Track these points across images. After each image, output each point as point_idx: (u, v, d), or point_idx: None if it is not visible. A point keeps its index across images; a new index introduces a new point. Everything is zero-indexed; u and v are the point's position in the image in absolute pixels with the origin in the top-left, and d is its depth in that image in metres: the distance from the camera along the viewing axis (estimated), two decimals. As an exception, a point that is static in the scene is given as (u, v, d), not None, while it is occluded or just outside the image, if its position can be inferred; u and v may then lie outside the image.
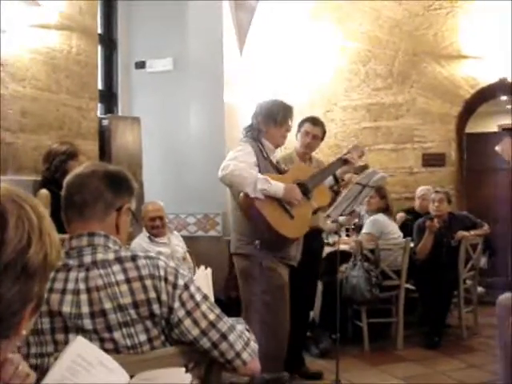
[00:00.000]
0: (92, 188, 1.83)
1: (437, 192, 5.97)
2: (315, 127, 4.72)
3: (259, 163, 3.91)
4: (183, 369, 1.60)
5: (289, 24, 7.41)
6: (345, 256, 5.42)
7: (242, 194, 3.83)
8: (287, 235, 3.86)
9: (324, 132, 4.79)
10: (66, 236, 1.81)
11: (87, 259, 1.75)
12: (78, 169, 1.93)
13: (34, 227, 0.96)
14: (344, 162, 4.44)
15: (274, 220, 3.79)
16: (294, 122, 4.42)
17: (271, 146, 4.07)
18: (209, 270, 2.22)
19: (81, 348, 1.49)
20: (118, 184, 1.89)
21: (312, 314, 5.41)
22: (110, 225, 1.85)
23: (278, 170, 4.05)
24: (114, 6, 6.68)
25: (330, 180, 4.46)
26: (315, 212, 4.28)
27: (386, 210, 5.91)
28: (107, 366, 1.48)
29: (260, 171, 3.87)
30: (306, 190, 4.01)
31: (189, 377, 1.52)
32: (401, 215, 6.58)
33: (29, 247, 0.94)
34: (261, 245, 3.85)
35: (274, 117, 4.03)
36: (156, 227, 5.09)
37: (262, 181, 3.73)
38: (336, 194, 4.71)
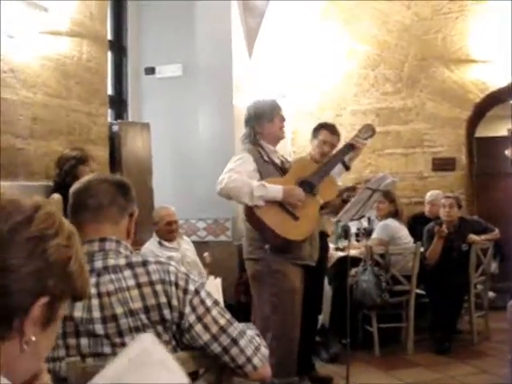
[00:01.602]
0: (106, 192, 1.87)
1: (447, 197, 5.93)
2: (333, 136, 4.67)
3: (259, 168, 3.89)
4: None
5: (298, 27, 7.43)
6: (355, 261, 5.41)
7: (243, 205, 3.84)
8: (292, 238, 3.81)
9: (339, 139, 4.75)
10: None
11: (98, 264, 1.76)
12: (84, 178, 1.96)
13: (64, 228, 1.06)
14: (350, 147, 4.22)
15: (276, 225, 3.76)
16: (306, 126, 4.39)
17: (271, 147, 4.05)
18: (218, 279, 2.22)
19: (147, 344, 1.48)
20: (127, 191, 1.93)
21: (322, 318, 5.41)
22: (122, 229, 1.88)
23: (283, 171, 4.02)
24: (123, 12, 6.71)
25: (339, 168, 4.25)
26: (324, 206, 4.19)
27: (396, 214, 5.90)
28: (168, 366, 1.46)
29: (262, 176, 3.86)
30: (310, 186, 3.94)
31: None
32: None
33: (53, 238, 1.02)
34: (270, 249, 3.84)
35: (265, 114, 4.04)
36: (172, 231, 5.14)
37: (258, 188, 3.71)
38: (345, 202, 4.67)
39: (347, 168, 4.31)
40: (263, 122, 4.03)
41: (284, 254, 3.88)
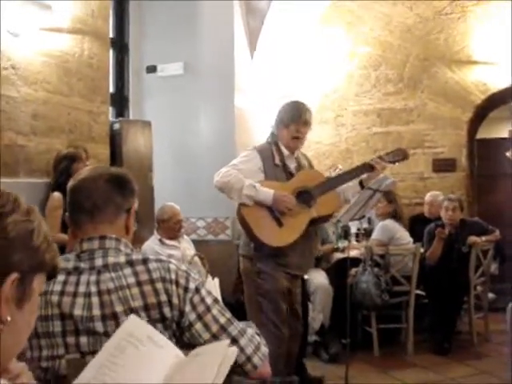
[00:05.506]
0: (101, 192, 1.82)
1: (450, 200, 5.86)
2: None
3: (266, 169, 3.86)
4: (227, 341, 1.57)
5: (300, 28, 7.41)
6: (355, 262, 5.41)
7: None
8: (268, 243, 3.74)
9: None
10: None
11: (98, 262, 1.75)
12: (80, 173, 1.91)
13: (21, 204, 1.06)
14: (369, 167, 4.00)
15: (256, 227, 3.74)
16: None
17: (286, 151, 3.96)
18: (216, 279, 2.20)
19: (131, 326, 1.47)
20: (124, 186, 1.89)
21: (322, 318, 5.40)
22: (119, 226, 1.85)
23: (292, 176, 3.95)
24: (125, 10, 6.71)
25: (355, 186, 4.11)
26: (315, 221, 3.95)
27: (395, 215, 5.89)
28: (157, 342, 1.45)
29: (267, 177, 3.84)
30: (308, 197, 3.83)
31: (235, 350, 1.49)
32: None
33: (10, 214, 1.02)
34: (255, 249, 3.83)
35: (283, 118, 3.95)
36: (180, 229, 5.23)
37: (247, 187, 3.69)
38: None
39: (363, 188, 4.12)
40: (280, 126, 3.96)
41: (269, 257, 3.82)
